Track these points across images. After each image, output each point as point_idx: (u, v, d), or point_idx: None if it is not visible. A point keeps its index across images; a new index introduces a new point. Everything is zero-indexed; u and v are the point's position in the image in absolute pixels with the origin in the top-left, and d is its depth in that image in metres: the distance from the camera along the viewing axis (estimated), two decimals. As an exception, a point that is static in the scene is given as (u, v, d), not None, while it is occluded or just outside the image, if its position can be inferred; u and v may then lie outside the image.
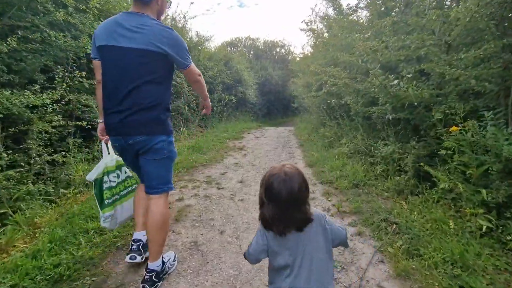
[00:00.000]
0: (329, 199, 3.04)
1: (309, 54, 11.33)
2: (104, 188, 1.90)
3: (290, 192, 0.97)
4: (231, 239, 2.35)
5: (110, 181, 1.92)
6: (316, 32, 7.61)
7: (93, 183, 1.89)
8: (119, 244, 2.20)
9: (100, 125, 1.80)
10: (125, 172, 2.09)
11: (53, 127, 3.09)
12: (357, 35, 3.65)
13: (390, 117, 2.78)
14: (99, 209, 1.91)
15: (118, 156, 1.96)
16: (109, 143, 1.89)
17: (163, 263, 1.74)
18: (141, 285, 1.63)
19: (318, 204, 2.94)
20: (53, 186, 2.89)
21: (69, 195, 2.91)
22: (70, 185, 3.10)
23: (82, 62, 3.73)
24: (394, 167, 3.08)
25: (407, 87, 2.30)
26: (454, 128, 1.96)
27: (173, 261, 1.91)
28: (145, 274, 1.65)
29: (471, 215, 1.88)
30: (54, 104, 3.08)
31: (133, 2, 1.58)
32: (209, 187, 3.58)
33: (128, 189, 2.09)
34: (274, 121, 17.51)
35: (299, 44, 34.38)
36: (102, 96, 1.64)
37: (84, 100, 3.54)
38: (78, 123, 3.37)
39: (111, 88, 1.57)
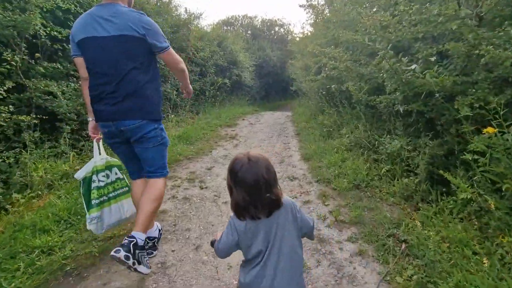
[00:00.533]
0: (326, 203, 2.64)
1: (309, 33, 10.60)
2: (92, 188, 1.84)
3: (256, 176, 0.97)
4: (207, 257, 1.96)
5: (98, 180, 1.86)
6: (316, 8, 6.92)
7: (81, 182, 1.84)
8: (68, 268, 1.81)
9: (91, 123, 1.82)
10: (116, 174, 1.98)
11: (5, 119, 2.63)
12: (363, 7, 3.08)
13: (401, 109, 2.32)
14: (86, 210, 1.83)
15: (110, 157, 1.95)
16: (101, 143, 1.89)
17: (146, 241, 1.68)
18: (115, 248, 1.45)
19: (313, 210, 2.55)
20: (3, 190, 2.47)
21: (22, 199, 2.50)
22: (27, 187, 2.69)
23: (40, 43, 3.19)
24: (401, 166, 2.65)
25: (425, 72, 1.82)
26: (490, 129, 1.51)
27: (147, 265, 1.64)
28: (125, 239, 1.52)
29: (505, 242, 1.47)
30: (3, 93, 2.60)
31: None
32: (191, 186, 3.18)
33: (118, 192, 1.98)
34: (272, 104, 16.95)
35: (299, 23, 32.78)
36: (90, 87, 1.63)
37: (44, 86, 3.05)
38: (34, 117, 2.88)
39: (100, 76, 1.58)
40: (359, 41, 2.63)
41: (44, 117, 2.94)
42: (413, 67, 1.82)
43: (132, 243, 1.50)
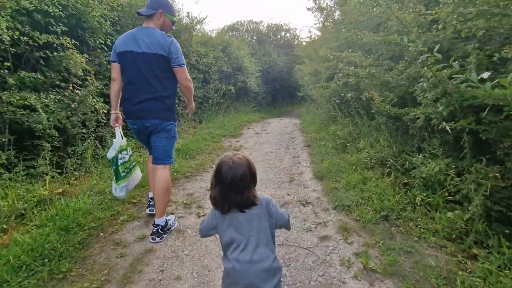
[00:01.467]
0: (349, 240, 2.14)
1: (316, 38, 10.18)
2: (119, 164, 2.25)
3: (234, 178, 1.10)
4: (199, 325, 1.49)
5: (123, 157, 2.29)
6: (325, 11, 6.49)
7: (111, 160, 2.22)
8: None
9: (113, 115, 2.26)
10: (129, 152, 2.41)
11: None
12: (394, 2, 2.61)
13: (448, 127, 1.83)
14: (115, 182, 2.25)
15: (125, 139, 2.34)
16: (120, 129, 2.31)
17: (166, 220, 2.23)
18: (150, 237, 2.14)
19: (333, 250, 2.06)
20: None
21: (-18, 236, 2.08)
22: (-8, 219, 2.28)
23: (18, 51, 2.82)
24: (442, 195, 2.15)
25: (488, 83, 1.34)
26: None
27: (174, 221, 2.39)
28: (153, 228, 2.16)
29: None
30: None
31: (144, 19, 2.12)
32: (186, 213, 2.72)
33: (132, 165, 2.46)
34: (279, 110, 16.53)
35: (306, 28, 32.39)
36: (122, 89, 2.16)
37: (17, 100, 2.66)
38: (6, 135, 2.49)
39: (132, 83, 2.06)
40: (391, 41, 2.16)
41: (14, 136, 2.54)
42: (484, 75, 1.35)
43: (159, 229, 2.16)
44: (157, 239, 2.15)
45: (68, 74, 3.45)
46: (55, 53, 3.27)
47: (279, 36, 21.96)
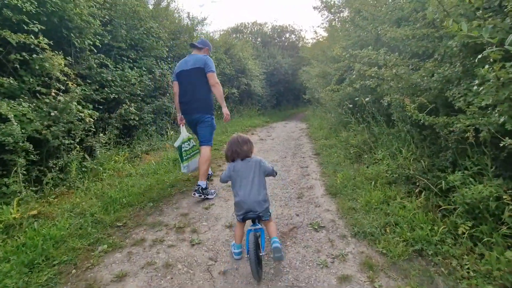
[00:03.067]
0: (376, 283, 1.71)
1: (323, 38, 9.76)
2: (182, 151, 3.31)
3: (237, 138, 1.97)
4: None
5: (185, 147, 3.32)
6: (333, 8, 6.07)
7: (178, 147, 3.34)
8: None
9: (178, 117, 3.39)
10: (192, 143, 3.40)
11: None
12: None
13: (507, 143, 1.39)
14: (181, 162, 3.35)
15: (189, 134, 3.37)
16: (184, 126, 3.39)
17: (206, 185, 3.04)
18: (193, 191, 2.97)
19: (357, 297, 1.62)
20: None
21: None
22: None
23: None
24: (496, 227, 1.70)
25: None
26: None
27: (213, 193, 3.15)
28: (196, 186, 3.02)
29: None
30: None
31: (191, 47, 3.35)
32: (178, 240, 2.31)
33: (194, 153, 3.40)
34: (284, 113, 16.10)
35: (311, 29, 31.87)
36: (180, 96, 3.16)
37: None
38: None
39: (184, 90, 3.11)
40: (427, 34, 1.72)
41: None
42: None
43: (199, 188, 2.95)
44: (197, 195, 2.92)
45: (50, 79, 3.10)
46: (34, 56, 2.92)
47: (283, 38, 21.61)
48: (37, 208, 2.59)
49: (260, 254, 1.76)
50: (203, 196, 2.93)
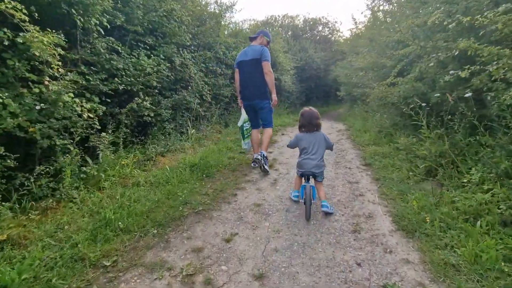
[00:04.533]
0: None
1: (364, 26, 8.57)
2: (244, 130, 4.02)
3: (311, 113, 2.47)
4: None
5: (246, 126, 4.00)
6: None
7: (240, 127, 4.06)
8: None
9: (239, 99, 3.81)
10: (248, 125, 4.01)
11: None
12: None
13: None
14: (242, 139, 4.13)
15: (246, 116, 3.90)
16: (243, 109, 3.85)
17: (266, 156, 3.54)
18: (257, 156, 3.50)
19: None
20: None
21: None
22: None
23: None
24: None
25: None
26: None
27: (268, 165, 3.62)
28: (258, 154, 3.50)
29: None
30: None
31: (250, 40, 3.76)
32: (184, 299, 1.56)
33: (249, 133, 3.98)
34: (314, 111, 14.95)
35: (349, 19, 29.57)
36: (241, 84, 3.60)
37: None
38: None
39: (244, 78, 3.53)
40: None
41: None
42: None
43: (261, 155, 3.46)
44: (261, 159, 3.43)
45: (42, 64, 2.49)
46: (21, 34, 2.32)
47: (315, 31, 20.32)
48: (10, 230, 1.98)
49: (312, 201, 2.31)
50: (262, 162, 3.43)
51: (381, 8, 6.03)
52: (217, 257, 1.90)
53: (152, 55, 4.00)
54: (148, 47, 4.08)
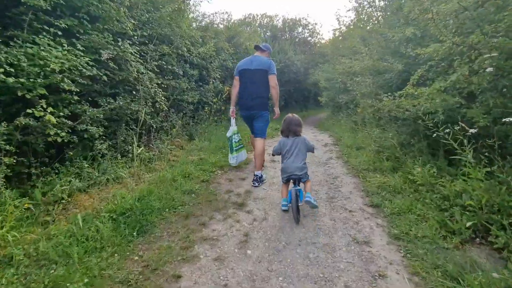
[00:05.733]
0: None
1: (352, 24, 7.76)
2: (233, 142, 3.67)
3: (291, 119, 2.64)
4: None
5: (235, 139, 3.69)
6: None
7: (229, 138, 3.68)
8: None
9: (231, 108, 3.67)
10: (238, 136, 3.76)
11: None
12: None
13: None
14: (230, 153, 3.73)
15: (236, 127, 3.75)
16: (234, 119, 3.74)
17: (261, 175, 3.39)
18: (252, 182, 3.34)
19: None
20: None
21: None
22: None
23: None
24: None
25: None
26: None
27: (264, 179, 3.46)
28: (254, 176, 3.37)
29: None
30: None
31: (255, 50, 3.66)
32: None
33: (240, 146, 3.80)
34: (293, 116, 14.09)
35: (327, 22, 28.91)
36: (238, 93, 3.51)
37: None
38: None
39: (246, 87, 3.41)
40: None
41: None
42: None
43: (257, 177, 3.33)
44: (256, 184, 3.30)
45: None
46: None
47: (295, 33, 19.55)
48: None
49: (299, 204, 2.43)
50: (258, 184, 3.31)
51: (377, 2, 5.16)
52: None
53: (65, 44, 2.70)
54: (59, 33, 2.77)
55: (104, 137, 3.42)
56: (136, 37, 3.71)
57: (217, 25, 7.39)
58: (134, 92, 3.70)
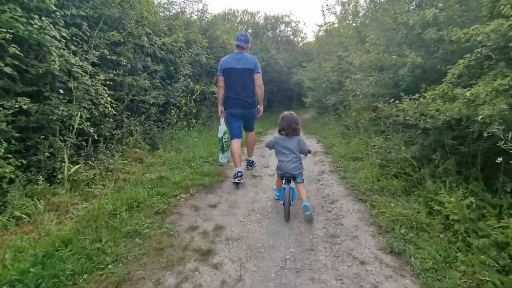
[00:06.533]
0: None
1: (341, 17, 7.10)
2: (223, 141, 3.54)
3: (291, 117, 2.57)
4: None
5: (225, 139, 3.54)
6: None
7: (220, 139, 3.54)
8: None
9: (220, 108, 3.51)
10: (227, 136, 3.57)
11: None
12: None
13: None
14: (221, 152, 3.61)
15: (225, 127, 3.57)
16: (223, 119, 3.54)
17: (253, 161, 3.95)
18: (245, 165, 3.82)
19: None
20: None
21: None
22: None
23: None
24: None
25: None
26: None
27: (255, 164, 3.99)
28: (247, 161, 3.87)
29: None
30: None
31: (236, 48, 3.38)
32: None
33: (229, 145, 3.55)
34: (276, 116, 13.37)
35: (310, 20, 28.11)
36: (226, 92, 3.38)
37: None
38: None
39: (233, 87, 3.33)
40: None
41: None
42: None
43: (250, 162, 3.86)
44: (250, 168, 3.82)
45: None
46: None
47: (278, 31, 18.86)
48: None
49: (291, 203, 2.42)
50: (252, 168, 3.82)
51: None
52: None
53: None
54: None
55: (15, 154, 2.44)
56: (60, 16, 2.71)
57: (190, 15, 6.43)
58: (61, 91, 2.71)
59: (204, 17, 7.07)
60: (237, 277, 1.75)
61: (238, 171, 3.27)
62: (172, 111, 4.79)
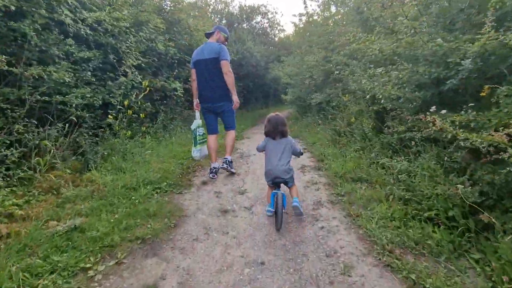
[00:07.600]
0: None
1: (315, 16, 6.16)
2: (197, 135, 3.46)
3: (277, 119, 2.44)
4: None
5: (199, 132, 3.48)
6: None
7: (193, 131, 3.46)
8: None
9: (195, 101, 3.42)
10: (203, 130, 3.54)
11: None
12: None
13: None
14: (194, 146, 3.49)
15: (200, 120, 3.52)
16: (198, 112, 3.50)
17: (231, 160, 3.46)
18: (222, 165, 3.39)
19: None
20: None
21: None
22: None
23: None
24: None
25: None
26: None
27: (234, 169, 3.56)
28: (224, 160, 3.42)
29: None
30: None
31: (206, 37, 3.45)
32: None
33: (203, 140, 3.55)
34: (253, 114, 12.58)
35: (287, 11, 26.96)
36: (199, 84, 3.30)
37: None
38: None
39: (203, 79, 3.24)
40: None
41: None
42: None
43: (227, 160, 3.38)
44: (227, 166, 3.38)
45: None
46: None
47: (254, 22, 17.68)
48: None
49: (283, 211, 2.20)
50: (228, 168, 3.38)
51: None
52: None
53: None
54: None
55: None
56: None
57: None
58: None
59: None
60: None
61: (213, 167, 3.32)
62: (110, 115, 3.51)
